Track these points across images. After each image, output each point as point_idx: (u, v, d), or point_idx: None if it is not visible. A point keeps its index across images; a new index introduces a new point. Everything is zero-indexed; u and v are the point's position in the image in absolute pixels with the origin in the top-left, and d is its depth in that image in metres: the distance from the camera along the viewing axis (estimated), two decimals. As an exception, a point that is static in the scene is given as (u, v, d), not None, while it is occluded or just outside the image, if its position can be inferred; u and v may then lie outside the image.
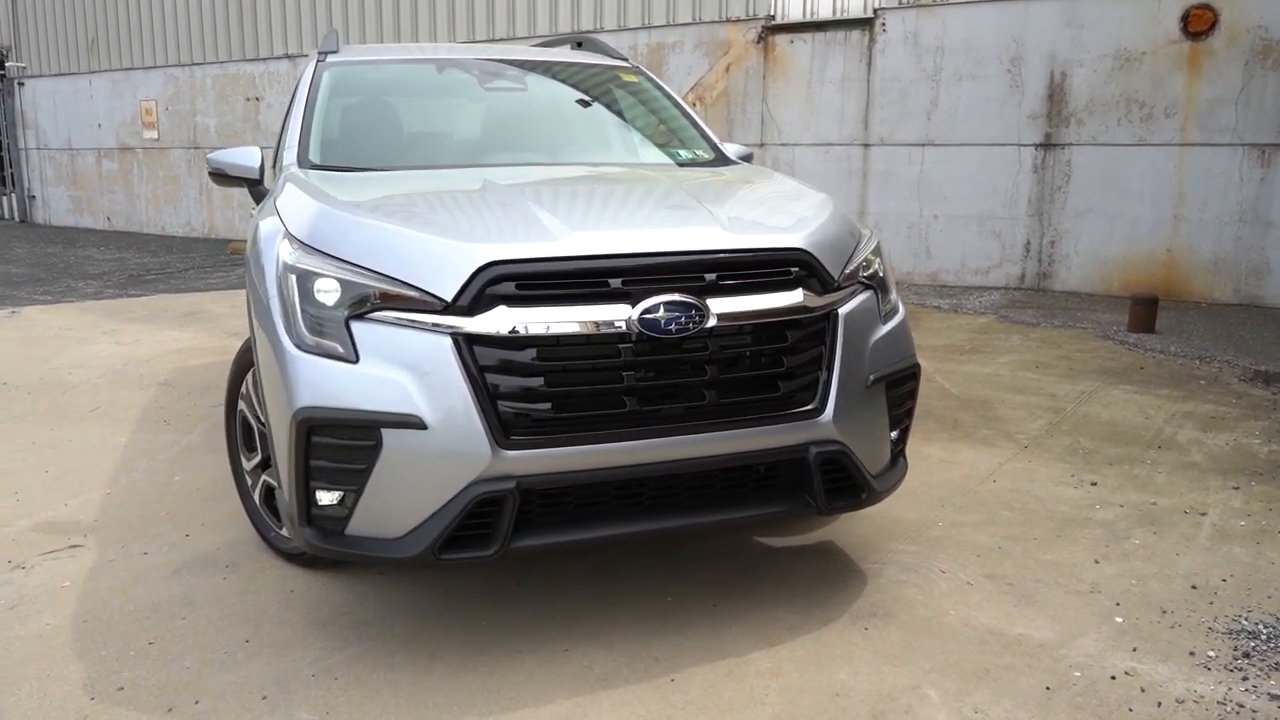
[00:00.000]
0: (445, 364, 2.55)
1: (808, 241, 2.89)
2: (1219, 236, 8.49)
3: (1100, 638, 2.89)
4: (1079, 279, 9.16)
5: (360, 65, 4.44)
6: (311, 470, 2.64)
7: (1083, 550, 3.50)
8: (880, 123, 9.93)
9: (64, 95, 17.53)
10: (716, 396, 2.72)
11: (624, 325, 2.60)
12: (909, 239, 9.93)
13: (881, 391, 3.02)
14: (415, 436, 2.55)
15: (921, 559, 3.42)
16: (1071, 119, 8.96)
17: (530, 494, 2.61)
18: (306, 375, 2.63)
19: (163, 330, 7.64)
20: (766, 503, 2.91)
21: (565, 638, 2.89)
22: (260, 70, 14.81)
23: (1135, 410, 5.26)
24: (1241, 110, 8.24)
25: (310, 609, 3.07)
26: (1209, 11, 8.26)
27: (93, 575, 3.31)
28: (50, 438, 4.85)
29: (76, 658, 2.79)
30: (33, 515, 3.84)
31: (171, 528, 3.71)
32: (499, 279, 2.58)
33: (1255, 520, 3.76)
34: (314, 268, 2.72)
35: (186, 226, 16.18)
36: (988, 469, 4.35)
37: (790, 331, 2.80)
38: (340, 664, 2.76)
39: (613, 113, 4.59)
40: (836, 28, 10.05)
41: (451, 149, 4.18)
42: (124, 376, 6.10)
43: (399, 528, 2.63)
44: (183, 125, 15.93)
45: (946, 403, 5.42)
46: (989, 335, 7.32)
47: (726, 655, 2.80)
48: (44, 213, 18.53)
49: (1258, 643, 2.85)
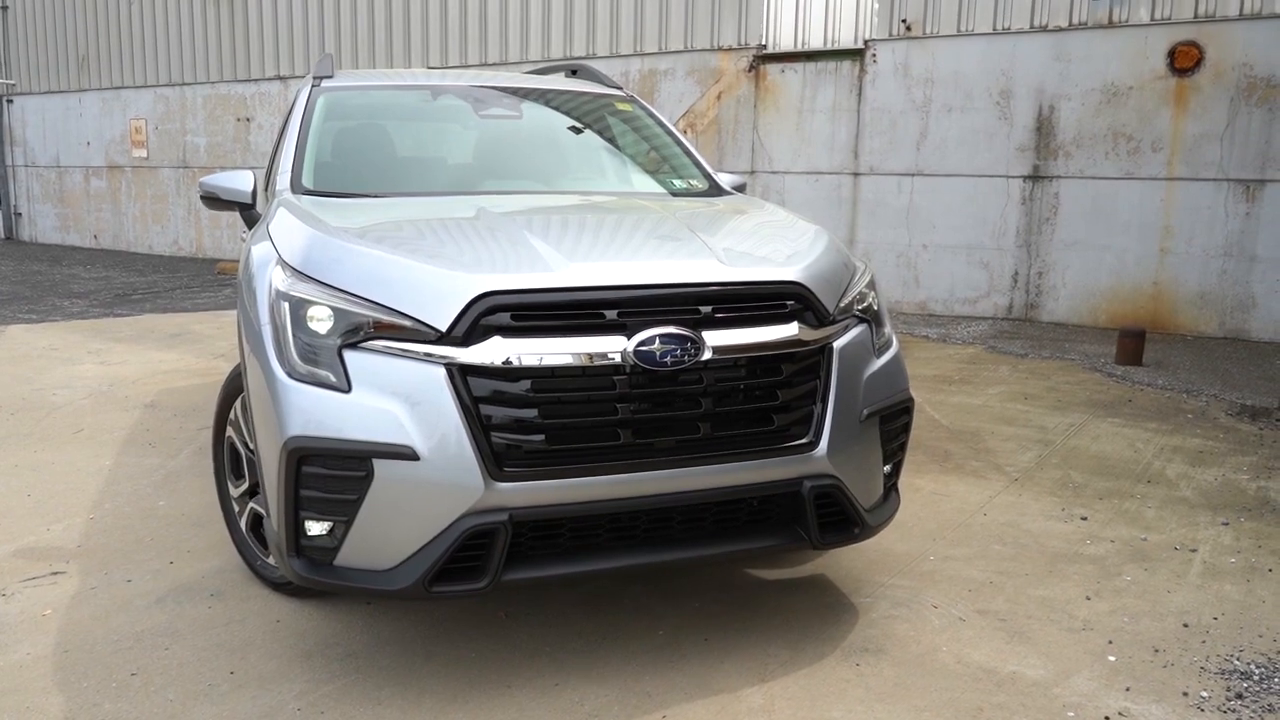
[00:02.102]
0: (438, 394, 2.52)
1: (803, 275, 2.89)
2: (1205, 270, 8.56)
3: (1093, 676, 2.87)
4: (1066, 310, 9.22)
5: (355, 90, 4.44)
6: (301, 500, 2.61)
7: (1074, 586, 3.49)
8: (870, 152, 9.99)
9: (53, 113, 17.49)
10: (711, 429, 2.71)
11: (619, 357, 2.59)
12: (898, 268, 9.97)
13: (875, 425, 3.01)
14: (407, 467, 2.52)
15: (913, 594, 3.41)
16: (1059, 151, 9.04)
17: (523, 526, 2.58)
18: (298, 404, 2.60)
19: (149, 351, 7.58)
20: (760, 536, 2.89)
21: (556, 672, 2.86)
22: (251, 91, 14.82)
23: (1124, 444, 5.27)
24: (1227, 145, 8.33)
25: (297, 640, 3.03)
26: (1195, 49, 8.37)
27: (74, 603, 3.25)
28: (33, 460, 4.79)
29: (57, 689, 2.73)
30: (14, 540, 3.78)
31: (155, 554, 3.66)
32: (494, 309, 2.57)
33: (1245, 557, 3.76)
34: (307, 295, 2.70)
35: (174, 246, 16.12)
36: (978, 502, 4.34)
37: (785, 365, 2.80)
38: (327, 697, 2.71)
39: (607, 141, 4.59)
40: (827, 58, 10.14)
41: (446, 176, 4.17)
42: (109, 398, 6.04)
43: (389, 559, 2.60)
44: (172, 144, 15.91)
45: (936, 434, 5.42)
46: (978, 366, 7.33)
47: (719, 691, 2.77)
48: (30, 230, 18.44)
49: (1250, 683, 2.84)
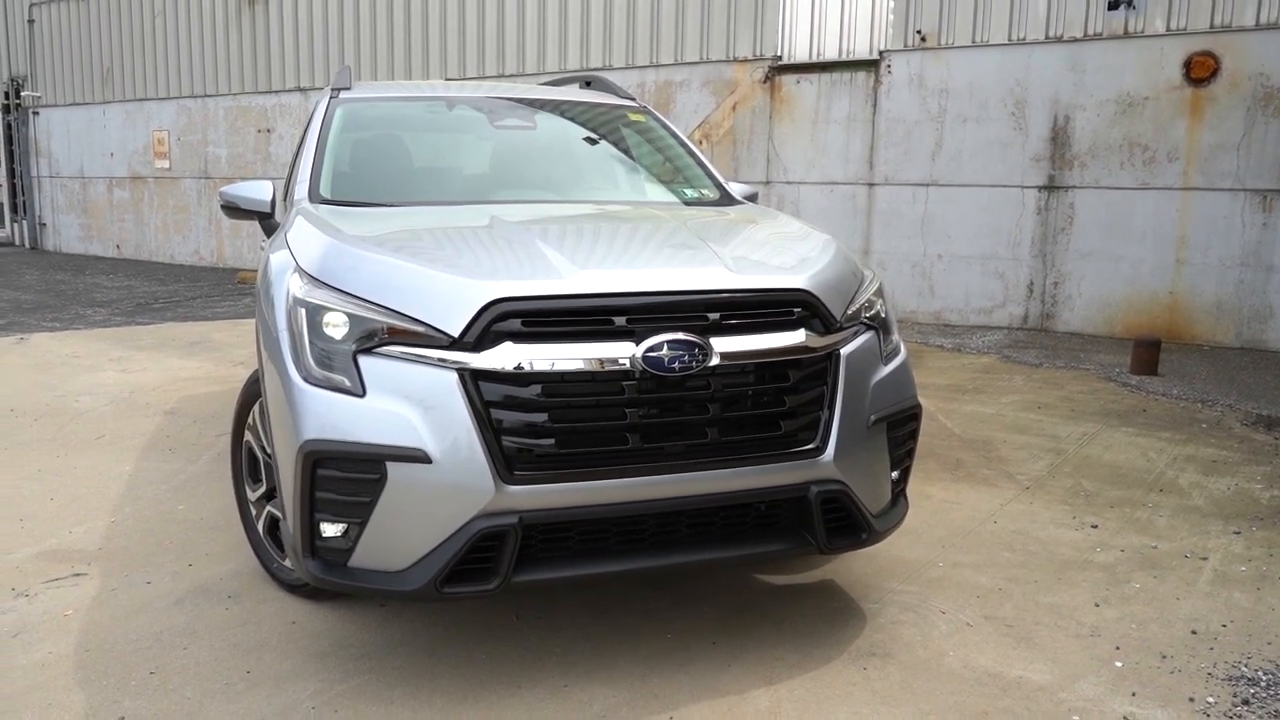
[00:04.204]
0: (451, 399, 2.57)
1: (810, 282, 2.93)
2: (1221, 280, 8.53)
3: (1099, 682, 2.89)
4: (1082, 320, 9.20)
5: (372, 102, 4.51)
6: (316, 502, 2.66)
7: (1083, 593, 3.50)
8: (885, 163, 10.02)
9: (78, 125, 17.75)
10: (718, 434, 2.74)
11: (628, 363, 2.63)
12: (913, 278, 9.98)
13: (883, 431, 3.04)
14: (420, 470, 2.57)
15: (921, 599, 3.43)
16: (1075, 162, 9.04)
17: (532, 529, 2.63)
18: (313, 408, 2.66)
19: (169, 358, 7.69)
20: (767, 541, 2.93)
21: (565, 673, 2.90)
22: (272, 102, 15.00)
23: (1137, 453, 5.27)
24: (1243, 156, 8.31)
25: (311, 641, 3.08)
26: (1211, 59, 8.36)
27: (95, 604, 3.32)
28: (56, 465, 4.87)
29: (78, 687, 2.79)
30: (37, 542, 3.86)
31: (175, 557, 3.73)
32: (505, 315, 2.62)
33: (1256, 565, 3.76)
34: (323, 302, 2.76)
35: (195, 255, 16.30)
36: (989, 510, 4.36)
37: (792, 371, 2.83)
38: (340, 696, 2.76)
39: (620, 151, 4.65)
40: (842, 69, 10.18)
41: (461, 185, 4.24)
42: (130, 404, 6.13)
43: (402, 561, 2.65)
44: (194, 155, 16.10)
45: (949, 442, 5.43)
46: (992, 375, 7.34)
47: (726, 693, 2.80)
48: (54, 240, 18.69)
49: (1257, 689, 2.85)
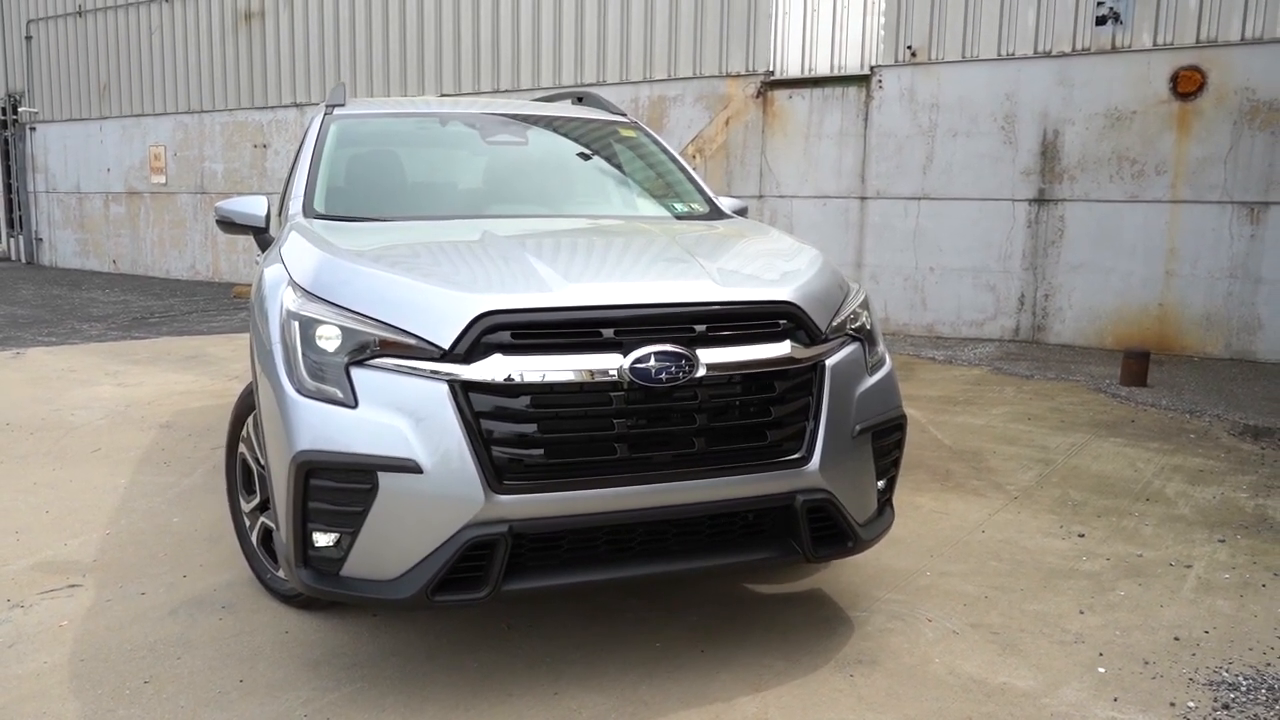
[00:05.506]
0: (441, 410, 2.62)
1: (796, 295, 2.98)
2: (1210, 292, 8.60)
3: (1082, 688, 2.93)
4: (1072, 332, 9.27)
5: (366, 118, 4.56)
6: (309, 512, 2.70)
7: (1068, 601, 3.54)
8: (877, 176, 10.10)
9: (74, 140, 17.82)
10: (705, 444, 2.79)
11: (616, 374, 2.68)
12: (905, 291, 10.05)
13: (868, 441, 3.08)
14: (411, 480, 2.61)
15: (908, 607, 3.47)
16: (1064, 175, 9.13)
17: (522, 538, 2.67)
18: (306, 419, 2.70)
19: (165, 373, 7.72)
20: (754, 549, 2.97)
21: (555, 681, 2.93)
22: (268, 118, 15.07)
23: (1125, 463, 5.31)
24: (1230, 168, 8.40)
25: (304, 650, 3.11)
26: (1197, 73, 8.46)
27: (90, 615, 3.35)
28: (52, 478, 4.90)
29: (73, 696, 2.82)
30: (33, 554, 3.89)
31: (169, 568, 3.76)
32: (495, 328, 2.66)
33: (1239, 573, 3.80)
34: (316, 315, 2.81)
35: (191, 270, 16.35)
36: (977, 520, 4.40)
37: (778, 382, 2.88)
38: (333, 704, 2.79)
39: (612, 166, 4.70)
40: (834, 84, 10.27)
41: (453, 200, 4.29)
42: (126, 418, 6.17)
43: (393, 570, 2.69)
44: (190, 171, 16.17)
45: (939, 453, 5.48)
46: (983, 387, 7.39)
47: (714, 700, 2.83)
48: (50, 255, 18.73)
49: (1237, 694, 2.89)
